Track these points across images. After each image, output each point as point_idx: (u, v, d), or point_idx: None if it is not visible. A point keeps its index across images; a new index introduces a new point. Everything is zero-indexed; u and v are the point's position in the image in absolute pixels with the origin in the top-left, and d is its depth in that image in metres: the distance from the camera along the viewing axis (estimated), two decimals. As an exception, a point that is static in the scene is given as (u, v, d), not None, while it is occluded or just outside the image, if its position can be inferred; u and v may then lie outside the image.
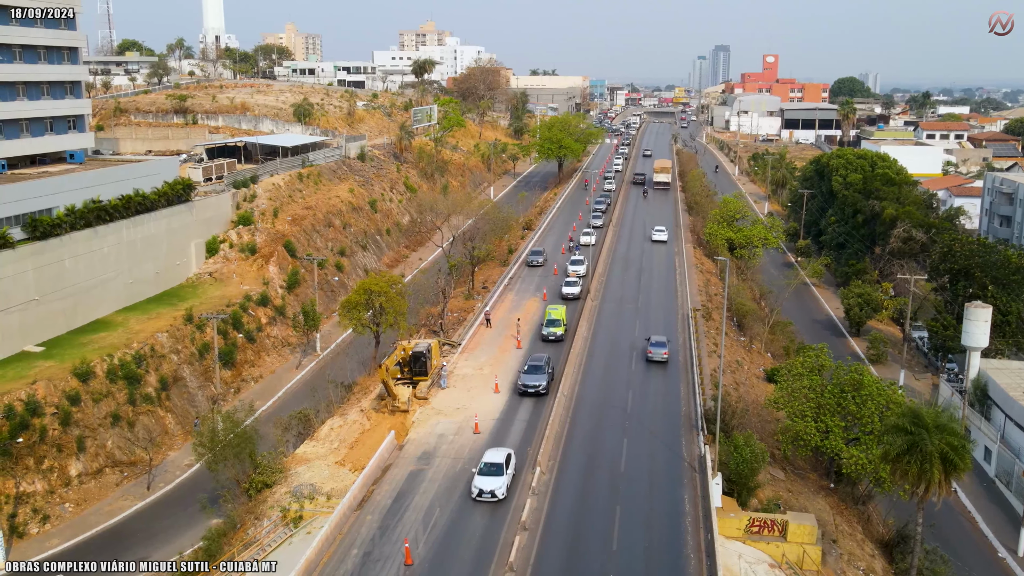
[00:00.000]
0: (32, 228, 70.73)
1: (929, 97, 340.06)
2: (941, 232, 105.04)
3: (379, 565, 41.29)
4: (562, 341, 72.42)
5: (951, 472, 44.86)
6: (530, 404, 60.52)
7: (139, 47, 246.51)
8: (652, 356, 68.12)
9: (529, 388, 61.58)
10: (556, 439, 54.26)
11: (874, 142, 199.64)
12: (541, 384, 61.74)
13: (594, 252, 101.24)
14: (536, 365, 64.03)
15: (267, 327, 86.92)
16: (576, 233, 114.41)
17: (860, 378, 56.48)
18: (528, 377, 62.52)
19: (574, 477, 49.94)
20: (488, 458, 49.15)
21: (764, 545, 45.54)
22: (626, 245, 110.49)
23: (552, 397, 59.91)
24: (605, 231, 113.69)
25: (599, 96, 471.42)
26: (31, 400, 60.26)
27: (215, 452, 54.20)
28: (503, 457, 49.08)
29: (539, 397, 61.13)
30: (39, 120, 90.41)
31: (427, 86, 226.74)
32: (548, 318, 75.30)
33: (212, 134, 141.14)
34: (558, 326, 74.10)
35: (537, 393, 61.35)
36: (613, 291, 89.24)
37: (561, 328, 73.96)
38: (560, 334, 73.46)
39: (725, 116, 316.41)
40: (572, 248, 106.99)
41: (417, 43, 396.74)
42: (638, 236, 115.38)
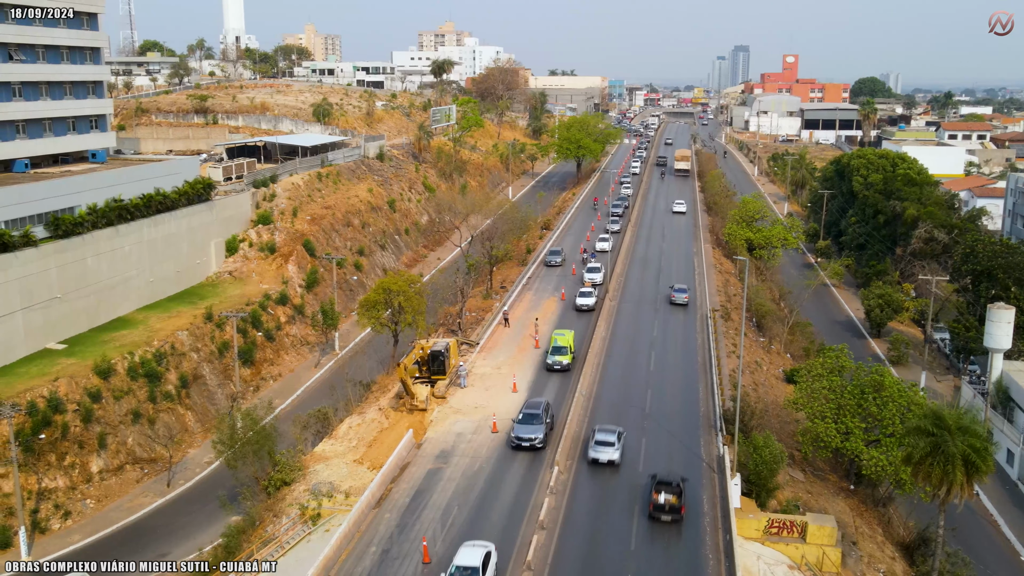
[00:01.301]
0: (55, 227, 71.36)
1: (951, 97, 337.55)
2: (963, 233, 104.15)
3: (397, 563, 41.36)
4: (569, 371, 66.24)
5: (973, 474, 44.40)
6: (548, 404, 60.40)
7: (160, 48, 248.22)
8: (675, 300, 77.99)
9: (523, 442, 52.75)
10: (575, 438, 54.19)
11: (895, 142, 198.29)
12: (537, 437, 52.81)
13: (611, 254, 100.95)
14: (532, 413, 54.62)
15: (286, 326, 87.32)
16: (592, 237, 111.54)
17: (881, 379, 56.04)
18: (522, 428, 53.34)
19: (592, 476, 49.80)
20: (460, 560, 38.99)
21: (783, 546, 45.26)
22: (644, 245, 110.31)
23: (570, 397, 59.76)
24: (623, 236, 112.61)
25: (618, 96, 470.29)
26: (53, 397, 60.80)
27: (234, 450, 54.47)
28: (479, 559, 38.92)
29: (559, 392, 59.65)
30: (62, 120, 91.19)
31: (446, 86, 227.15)
32: (553, 345, 68.26)
33: (232, 134, 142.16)
34: (564, 354, 67.03)
35: (533, 448, 52.78)
36: (632, 291, 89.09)
37: (568, 356, 66.95)
38: (567, 363, 66.59)
39: (744, 116, 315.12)
40: (587, 257, 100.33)
41: (436, 43, 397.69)
42: (656, 238, 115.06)
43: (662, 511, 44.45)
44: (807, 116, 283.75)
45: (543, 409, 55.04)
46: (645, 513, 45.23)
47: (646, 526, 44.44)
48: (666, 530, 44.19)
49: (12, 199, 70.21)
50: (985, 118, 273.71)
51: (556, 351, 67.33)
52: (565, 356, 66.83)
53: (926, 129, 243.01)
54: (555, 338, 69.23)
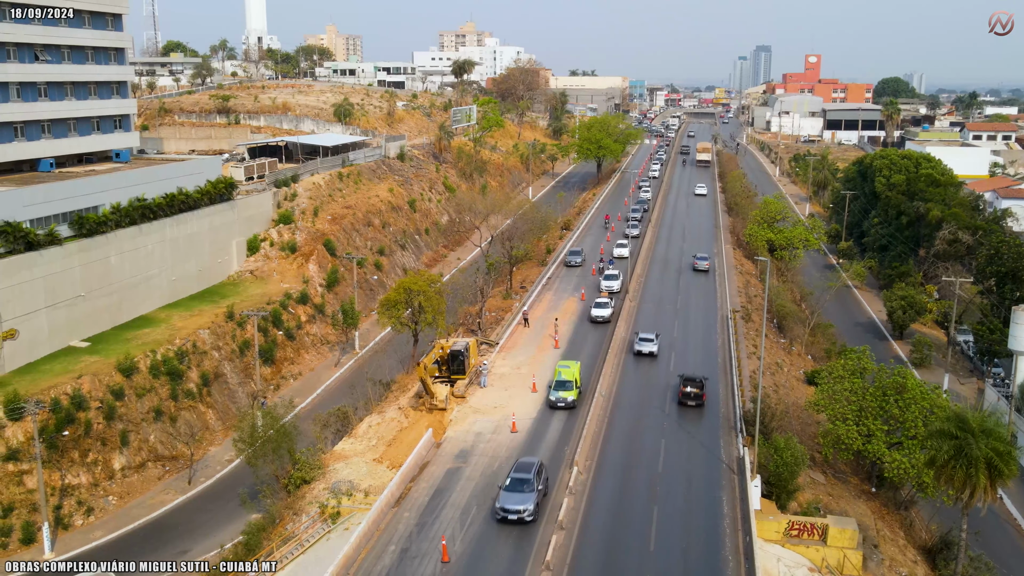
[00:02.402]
0: (79, 225, 72.05)
1: (976, 97, 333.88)
2: (988, 234, 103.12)
3: (416, 562, 41.44)
4: (574, 408, 59.01)
5: (996, 478, 44.04)
6: (567, 404, 60.36)
7: (183, 48, 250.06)
8: None
9: (510, 515, 44.00)
10: (593, 438, 54.11)
11: (919, 143, 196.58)
12: (526, 508, 43.99)
13: (630, 257, 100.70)
14: (521, 479, 45.58)
15: (307, 325, 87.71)
16: (608, 245, 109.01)
17: (903, 381, 55.59)
18: (509, 498, 44.55)
19: (611, 477, 49.75)
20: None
21: (804, 549, 45.00)
22: (665, 245, 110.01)
23: (589, 398, 59.62)
24: (643, 238, 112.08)
25: (638, 97, 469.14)
26: (77, 394, 61.36)
27: (255, 448, 54.77)
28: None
29: None
30: (86, 119, 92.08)
31: (466, 86, 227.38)
32: (556, 379, 60.68)
33: (254, 134, 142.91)
34: (568, 389, 59.35)
35: (521, 521, 44.20)
36: (652, 292, 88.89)
37: (573, 392, 59.26)
38: (572, 400, 58.94)
39: (766, 117, 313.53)
40: (604, 265, 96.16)
41: (457, 44, 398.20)
42: (676, 239, 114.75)
43: None
44: (829, 116, 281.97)
45: (535, 472, 46.25)
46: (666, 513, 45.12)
47: (666, 525, 44.29)
48: (687, 530, 44.03)
49: (37, 198, 70.99)
50: (1010, 119, 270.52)
51: (560, 386, 59.76)
52: (570, 392, 59.43)
53: (950, 130, 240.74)
54: (559, 371, 61.59)
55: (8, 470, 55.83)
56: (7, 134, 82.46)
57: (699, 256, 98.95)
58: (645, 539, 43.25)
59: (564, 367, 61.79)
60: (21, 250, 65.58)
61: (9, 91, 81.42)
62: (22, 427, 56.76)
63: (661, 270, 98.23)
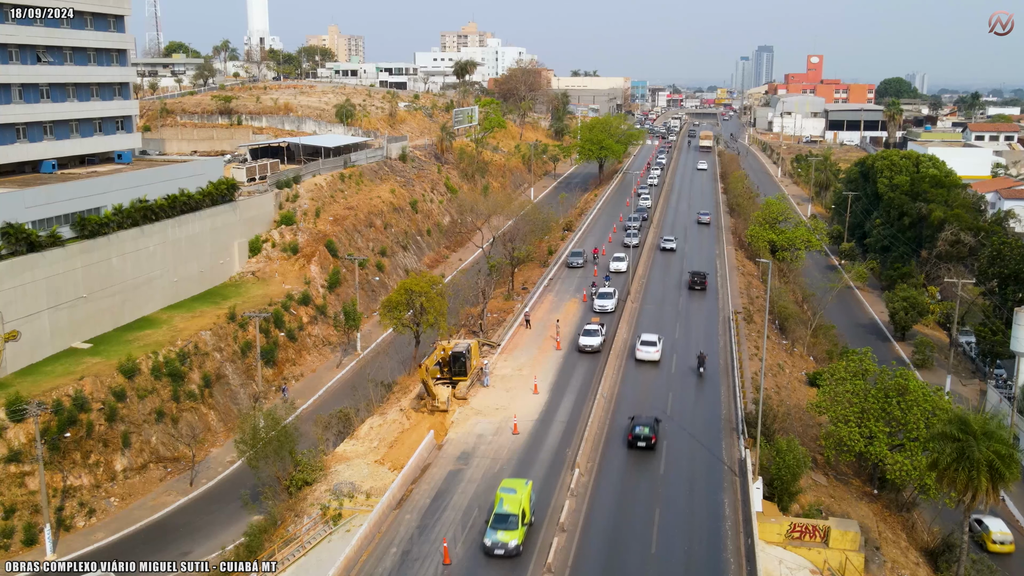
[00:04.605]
0: (81, 227, 72.12)
1: (978, 98, 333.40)
2: (990, 235, 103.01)
3: (417, 564, 41.43)
4: (518, 555, 41.08)
5: (998, 481, 43.99)
6: (568, 404, 60.38)
7: (185, 49, 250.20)
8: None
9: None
10: (595, 440, 54.08)
11: (921, 144, 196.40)
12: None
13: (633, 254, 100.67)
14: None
15: (308, 326, 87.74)
16: (604, 260, 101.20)
17: (905, 383, 55.58)
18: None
19: (613, 479, 49.72)
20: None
21: (805, 551, 44.97)
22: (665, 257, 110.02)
23: (592, 396, 59.61)
24: (646, 234, 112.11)
25: (640, 97, 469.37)
26: (78, 396, 61.42)
27: (256, 449, 54.80)
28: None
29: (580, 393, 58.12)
30: (88, 121, 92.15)
31: (468, 87, 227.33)
32: (496, 511, 42.04)
33: (256, 135, 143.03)
34: (511, 528, 41.14)
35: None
36: (654, 293, 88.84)
37: (515, 533, 41.00)
38: (515, 545, 40.87)
39: (768, 117, 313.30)
40: (596, 290, 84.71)
41: (458, 44, 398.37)
42: (678, 239, 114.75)
43: None
44: (831, 117, 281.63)
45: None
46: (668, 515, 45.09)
47: (668, 527, 44.27)
48: (689, 532, 44.01)
49: (40, 199, 71.05)
50: (1013, 119, 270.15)
51: (499, 521, 41.49)
52: (512, 532, 41.07)
53: (952, 130, 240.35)
54: (500, 498, 42.70)
55: (10, 471, 55.88)
56: (9, 136, 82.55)
57: (702, 212, 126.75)
58: (647, 541, 43.22)
59: (507, 492, 43.00)
60: (23, 251, 65.69)
61: (11, 92, 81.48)
62: (24, 429, 56.82)
63: (663, 271, 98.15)
